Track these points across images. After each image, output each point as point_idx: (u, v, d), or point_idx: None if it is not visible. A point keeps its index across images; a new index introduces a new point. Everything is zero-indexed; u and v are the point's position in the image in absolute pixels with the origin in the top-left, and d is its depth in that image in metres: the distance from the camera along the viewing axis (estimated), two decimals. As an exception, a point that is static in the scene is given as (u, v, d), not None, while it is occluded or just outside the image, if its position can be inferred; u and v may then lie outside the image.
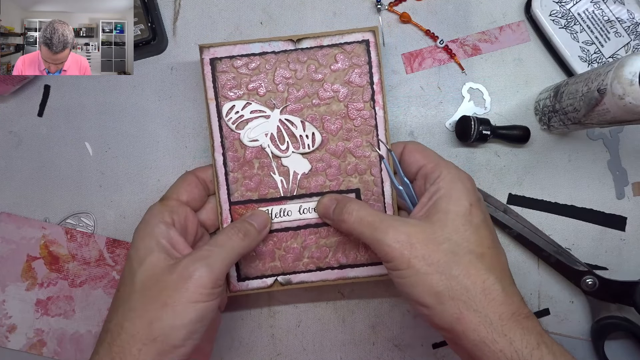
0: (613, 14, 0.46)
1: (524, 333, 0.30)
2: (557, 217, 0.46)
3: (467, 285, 0.31)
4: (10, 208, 0.46)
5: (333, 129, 0.41)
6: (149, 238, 0.35)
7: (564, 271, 0.45)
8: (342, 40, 0.41)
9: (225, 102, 0.40)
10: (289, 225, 0.41)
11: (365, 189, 0.41)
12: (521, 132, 0.45)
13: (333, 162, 0.41)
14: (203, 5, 0.47)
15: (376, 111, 0.41)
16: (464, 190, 0.35)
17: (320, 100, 0.41)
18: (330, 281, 0.41)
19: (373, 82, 0.41)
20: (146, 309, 0.33)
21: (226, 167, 0.41)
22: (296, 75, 0.41)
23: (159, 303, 0.32)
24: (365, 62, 0.41)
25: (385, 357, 0.46)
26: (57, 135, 0.46)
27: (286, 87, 0.41)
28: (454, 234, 0.33)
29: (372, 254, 0.41)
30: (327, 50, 0.41)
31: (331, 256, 0.41)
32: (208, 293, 0.33)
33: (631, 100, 0.33)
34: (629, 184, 0.46)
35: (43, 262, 0.45)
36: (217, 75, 0.40)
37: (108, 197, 0.46)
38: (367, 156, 0.41)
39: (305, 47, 0.41)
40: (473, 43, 0.47)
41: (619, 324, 0.44)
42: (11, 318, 0.45)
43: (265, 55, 0.41)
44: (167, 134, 0.46)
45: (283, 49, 0.41)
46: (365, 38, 0.41)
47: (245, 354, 0.46)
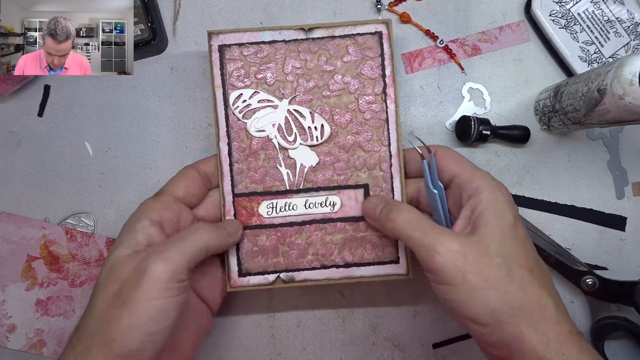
0: (613, 14, 0.46)
1: (580, 352, 0.30)
2: (557, 217, 0.46)
3: (523, 301, 0.30)
4: (10, 208, 0.46)
5: (343, 121, 0.40)
6: (127, 232, 0.34)
7: (564, 271, 0.45)
8: (355, 32, 0.40)
9: (233, 90, 0.40)
10: (294, 220, 0.40)
11: (374, 184, 0.40)
12: (521, 132, 0.45)
13: (342, 155, 0.40)
14: (203, 5, 0.47)
15: (387, 105, 0.40)
16: (507, 203, 0.33)
17: (330, 92, 0.40)
18: (335, 280, 0.40)
19: (385, 74, 0.40)
20: (107, 308, 0.31)
21: (231, 157, 0.40)
22: (306, 65, 0.40)
23: (118, 301, 0.31)
24: (378, 54, 0.40)
25: (385, 357, 0.46)
26: (57, 135, 0.46)
27: (296, 77, 0.40)
28: (504, 248, 0.31)
29: (380, 252, 0.40)
30: (338, 40, 0.40)
31: (337, 254, 0.40)
32: (164, 288, 0.31)
33: (631, 100, 0.33)
34: (629, 184, 0.46)
35: (43, 262, 0.45)
36: (225, 62, 0.40)
37: (108, 197, 0.46)
38: (377, 151, 0.40)
39: (316, 37, 0.40)
40: (473, 43, 0.47)
41: (619, 324, 0.44)
42: (11, 318, 0.45)
43: (276, 44, 0.40)
44: (167, 134, 0.46)
45: (294, 38, 0.40)
46: (379, 30, 0.40)
47: (245, 354, 0.46)
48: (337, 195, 0.40)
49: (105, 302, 0.31)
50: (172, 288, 0.31)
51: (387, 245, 0.40)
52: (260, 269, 0.40)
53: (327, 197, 0.40)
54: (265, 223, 0.40)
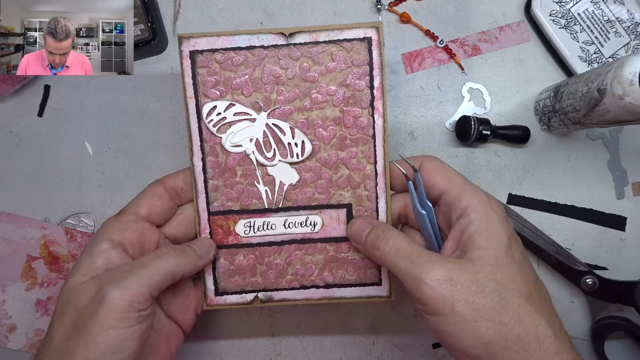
0: (613, 14, 0.46)
1: None
2: (557, 217, 0.46)
3: (520, 333, 0.28)
4: (10, 208, 0.46)
5: (326, 136, 0.37)
6: (86, 257, 0.33)
7: (564, 271, 0.45)
8: (341, 37, 0.36)
9: (206, 101, 0.36)
10: (273, 239, 0.38)
11: (358, 204, 0.38)
12: (521, 132, 0.45)
13: (324, 173, 0.37)
14: (203, 5, 0.47)
15: (375, 119, 0.37)
16: (500, 222, 0.31)
17: (312, 104, 0.37)
18: (314, 300, 0.39)
19: (373, 86, 0.36)
20: (63, 339, 0.30)
21: (205, 173, 0.37)
22: (287, 74, 0.36)
23: (75, 332, 0.29)
24: (366, 62, 0.36)
25: (385, 357, 0.46)
26: (57, 135, 0.46)
27: (275, 86, 0.36)
28: (498, 275, 0.29)
29: (362, 274, 0.38)
30: (323, 46, 0.36)
31: (317, 274, 0.38)
32: (122, 318, 0.29)
33: (631, 100, 0.33)
34: (628, 184, 0.46)
35: (43, 262, 0.45)
36: (197, 70, 0.36)
37: (108, 197, 0.46)
38: (361, 169, 0.37)
39: (298, 42, 0.36)
40: (473, 43, 0.47)
41: (619, 324, 0.44)
42: (11, 318, 0.45)
43: (253, 50, 0.36)
44: (167, 134, 0.46)
45: (273, 43, 0.36)
46: (368, 35, 0.36)
47: (245, 354, 0.46)
48: (319, 215, 0.38)
49: (62, 333, 0.30)
50: (131, 318, 0.30)
51: (369, 267, 0.38)
52: (237, 288, 0.38)
53: (308, 217, 0.38)
54: (242, 242, 0.38)
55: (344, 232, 0.38)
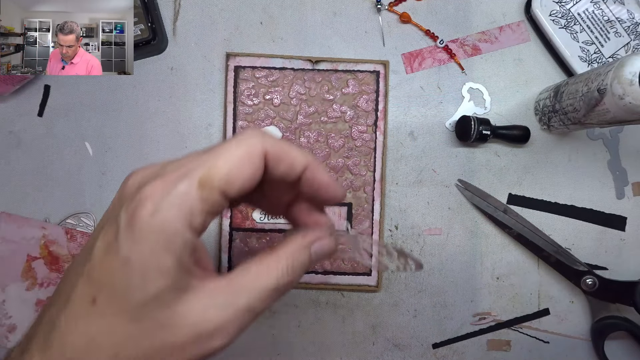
0: (613, 14, 0.46)
1: None
2: (557, 217, 0.46)
3: None
4: (10, 208, 0.46)
5: (336, 145, 0.45)
6: (164, 253, 0.21)
7: (564, 271, 0.45)
8: (356, 68, 0.45)
9: (242, 107, 0.45)
10: (282, 227, 0.44)
11: (357, 204, 0.45)
12: (521, 132, 0.45)
13: (332, 175, 0.42)
14: (203, 5, 0.47)
15: (377, 135, 0.45)
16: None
17: (328, 118, 0.45)
18: (312, 284, 0.45)
19: (378, 109, 0.45)
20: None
21: None
22: (310, 92, 0.45)
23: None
24: (374, 90, 0.45)
25: (385, 357, 0.46)
26: (57, 135, 0.46)
27: (299, 102, 0.45)
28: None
29: (355, 264, 0.45)
30: (341, 74, 0.45)
31: None
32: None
33: (631, 100, 0.33)
34: (629, 184, 0.46)
35: (43, 262, 0.45)
36: (238, 81, 0.45)
37: (108, 197, 0.46)
38: (362, 175, 0.45)
39: (321, 68, 0.45)
40: (473, 43, 0.47)
41: (619, 324, 0.44)
42: (11, 318, 0.45)
43: (285, 71, 0.45)
44: (167, 134, 0.46)
45: (301, 67, 0.45)
46: (377, 69, 0.45)
47: (245, 353, 0.46)
48: None
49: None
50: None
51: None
52: None
53: None
54: (257, 227, 0.45)
55: (343, 226, 0.45)
